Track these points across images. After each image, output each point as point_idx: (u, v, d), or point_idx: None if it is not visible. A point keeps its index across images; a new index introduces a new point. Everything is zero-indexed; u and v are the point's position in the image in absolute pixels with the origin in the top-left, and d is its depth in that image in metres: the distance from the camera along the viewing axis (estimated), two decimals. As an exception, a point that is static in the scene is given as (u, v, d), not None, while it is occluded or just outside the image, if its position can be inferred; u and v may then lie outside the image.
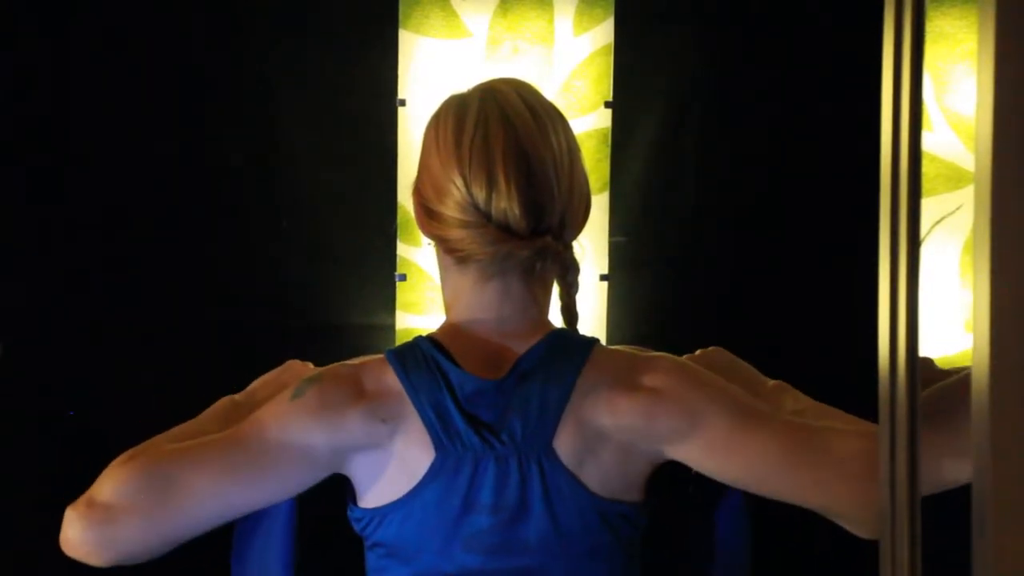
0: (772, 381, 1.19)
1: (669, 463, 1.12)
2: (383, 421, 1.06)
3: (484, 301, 1.11)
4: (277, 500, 1.09)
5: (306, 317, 1.77)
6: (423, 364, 1.08)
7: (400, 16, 1.74)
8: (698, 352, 1.24)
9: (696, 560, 1.27)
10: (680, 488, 1.18)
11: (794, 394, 1.16)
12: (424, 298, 1.77)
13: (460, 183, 1.07)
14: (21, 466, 1.72)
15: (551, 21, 1.75)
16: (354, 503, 1.12)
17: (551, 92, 1.75)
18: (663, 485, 1.15)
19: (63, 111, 1.73)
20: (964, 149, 1.78)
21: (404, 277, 1.76)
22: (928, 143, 1.77)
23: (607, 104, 1.77)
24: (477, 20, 1.74)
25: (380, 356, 1.11)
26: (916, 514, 0.58)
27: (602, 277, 1.80)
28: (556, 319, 1.17)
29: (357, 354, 1.17)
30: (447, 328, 1.14)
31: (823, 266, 1.82)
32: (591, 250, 1.78)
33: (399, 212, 1.76)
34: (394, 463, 1.08)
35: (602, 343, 1.13)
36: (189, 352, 1.74)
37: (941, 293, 1.79)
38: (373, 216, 1.78)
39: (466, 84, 1.17)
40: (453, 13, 1.74)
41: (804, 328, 1.82)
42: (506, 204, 1.06)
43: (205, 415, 1.17)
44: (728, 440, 1.05)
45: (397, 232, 1.76)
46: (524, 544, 1.07)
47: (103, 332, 1.74)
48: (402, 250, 1.77)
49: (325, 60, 1.77)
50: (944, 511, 0.75)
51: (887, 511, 0.59)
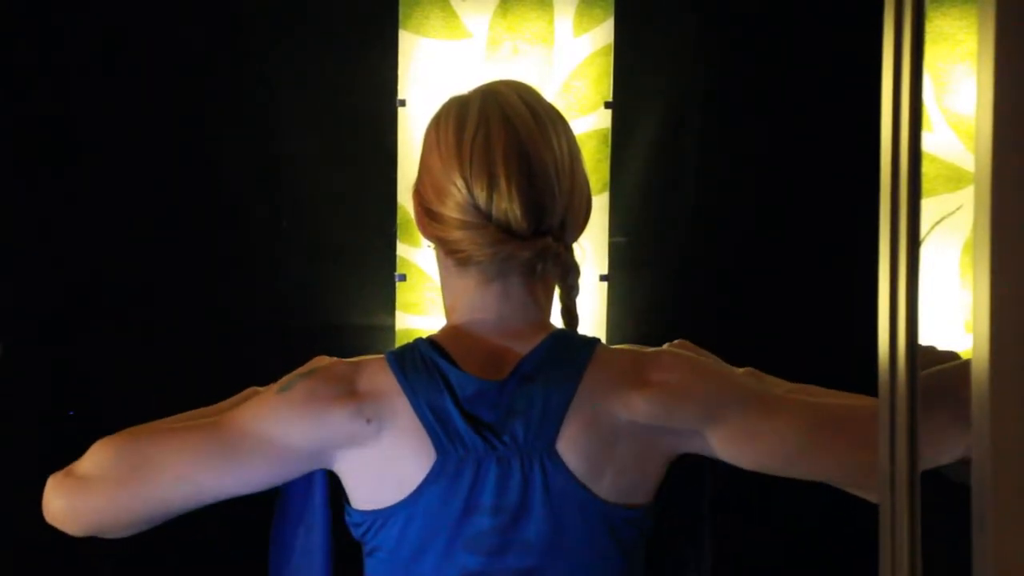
0: (741, 369, 1.21)
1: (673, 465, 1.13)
2: (368, 421, 1.06)
3: (485, 303, 1.11)
4: (249, 490, 1.10)
5: (306, 317, 1.77)
6: (421, 366, 1.08)
7: (400, 17, 1.74)
8: (665, 346, 1.25)
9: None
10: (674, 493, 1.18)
11: (769, 378, 1.19)
12: (424, 298, 1.77)
13: (461, 184, 1.07)
14: (21, 466, 1.72)
15: (551, 22, 1.75)
16: (349, 505, 1.12)
17: (551, 93, 1.75)
18: (669, 489, 1.15)
19: (63, 111, 1.73)
20: (964, 149, 1.78)
21: (404, 277, 1.76)
22: (928, 143, 1.77)
23: (607, 104, 1.77)
24: (477, 21, 1.74)
25: (380, 356, 1.11)
26: (916, 514, 0.58)
27: (602, 277, 1.80)
28: (557, 321, 1.17)
29: (357, 354, 1.17)
30: (448, 330, 1.14)
31: (823, 266, 1.82)
32: (591, 251, 1.78)
33: (399, 212, 1.76)
34: (388, 464, 1.07)
35: (604, 343, 1.13)
36: (189, 352, 1.74)
37: (941, 293, 1.79)
38: (373, 216, 1.78)
39: (466, 84, 1.17)
40: (453, 14, 1.74)
41: (804, 328, 1.82)
42: (507, 205, 1.06)
43: (226, 402, 1.19)
44: (749, 426, 1.07)
45: (397, 232, 1.76)
46: (525, 545, 1.07)
47: (103, 332, 1.74)
48: (402, 250, 1.77)
49: (325, 60, 1.77)
50: (944, 510, 0.75)
51: (887, 511, 0.59)
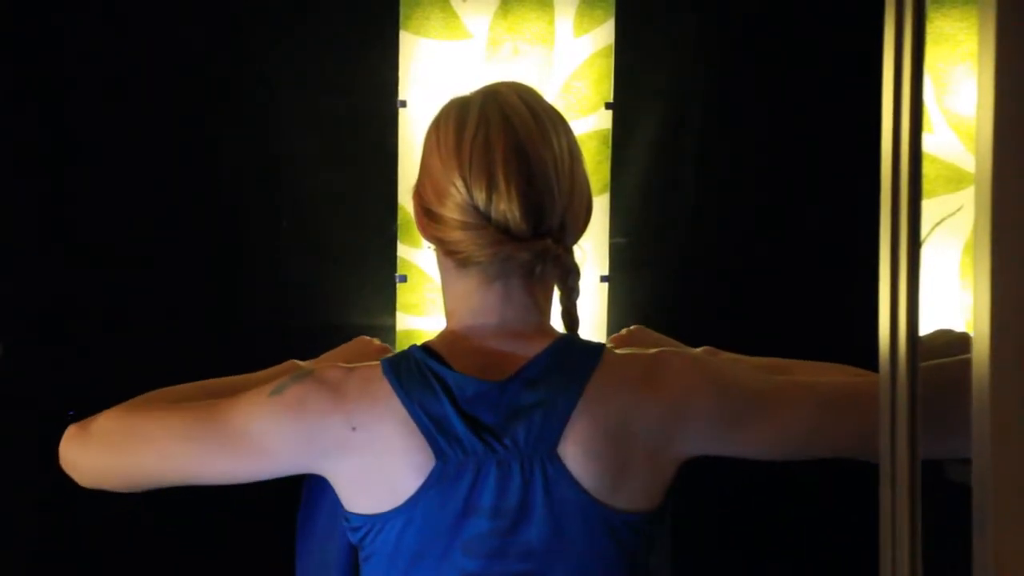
0: (698, 349, 1.24)
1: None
2: (354, 429, 1.06)
3: (486, 305, 1.11)
4: (226, 482, 1.12)
5: (306, 318, 1.77)
6: (416, 372, 1.08)
7: (400, 17, 1.74)
8: (624, 332, 1.29)
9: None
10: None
11: (726, 354, 1.25)
12: (424, 299, 1.77)
13: (460, 184, 1.07)
14: (21, 466, 1.72)
15: (551, 22, 1.75)
16: (346, 510, 1.12)
17: (551, 93, 1.75)
18: (675, 495, 1.15)
19: (63, 111, 1.73)
20: (964, 150, 1.78)
21: (404, 278, 1.77)
22: (929, 144, 1.77)
23: (607, 105, 1.77)
24: (477, 21, 1.74)
25: (375, 363, 1.10)
26: (916, 514, 0.58)
27: (602, 278, 1.80)
28: (557, 323, 1.17)
29: (357, 355, 1.17)
30: (446, 335, 1.14)
31: (824, 267, 1.82)
32: (592, 251, 1.78)
33: (399, 213, 1.76)
34: (382, 471, 1.07)
35: (611, 348, 1.13)
36: (189, 352, 1.74)
37: (941, 294, 1.79)
38: (373, 217, 1.78)
39: (467, 85, 1.17)
40: (453, 14, 1.74)
41: (805, 329, 1.82)
42: (506, 206, 1.05)
43: (263, 372, 1.24)
44: (765, 422, 1.09)
45: (397, 233, 1.76)
46: (524, 549, 1.07)
47: (103, 332, 1.74)
48: (402, 251, 1.77)
49: (326, 61, 1.77)
50: (944, 511, 0.75)
51: (887, 511, 0.59)
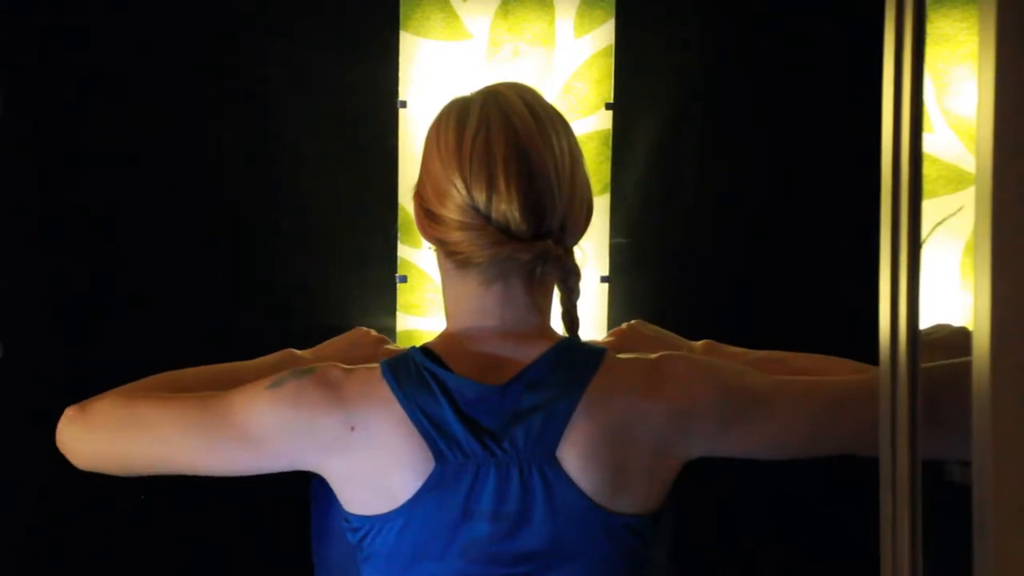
0: (698, 342, 1.25)
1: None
2: (352, 429, 1.06)
3: (486, 306, 1.11)
4: (224, 473, 1.13)
5: (306, 318, 1.77)
6: (416, 375, 1.08)
7: (401, 18, 1.74)
8: (624, 325, 1.30)
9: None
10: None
11: (730, 348, 1.27)
12: (425, 300, 1.77)
13: (461, 185, 1.07)
14: (21, 466, 1.72)
15: (552, 23, 1.75)
16: (344, 510, 1.12)
17: (552, 94, 1.75)
18: (675, 497, 1.15)
19: (62, 112, 1.73)
20: (965, 151, 1.78)
21: (405, 279, 1.77)
22: (929, 145, 1.77)
23: (608, 106, 1.77)
24: (478, 22, 1.74)
25: (374, 365, 1.11)
26: (917, 514, 0.58)
27: (603, 279, 1.80)
28: (557, 324, 1.17)
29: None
30: (445, 337, 1.14)
31: (824, 267, 1.82)
32: (592, 252, 1.78)
33: (400, 213, 1.76)
34: (380, 473, 1.07)
35: (612, 352, 1.12)
36: (189, 353, 1.73)
37: (942, 294, 1.79)
38: (374, 217, 1.78)
39: (467, 86, 1.17)
40: (454, 15, 1.74)
41: (805, 329, 1.82)
42: (506, 206, 1.05)
43: (259, 359, 1.28)
44: (767, 422, 1.09)
45: (398, 233, 1.76)
46: (524, 553, 1.07)
47: (103, 332, 1.74)
48: (403, 251, 1.77)
49: (326, 61, 1.77)
50: (945, 511, 0.75)
51: (888, 511, 0.59)
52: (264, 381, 1.10)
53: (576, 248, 1.15)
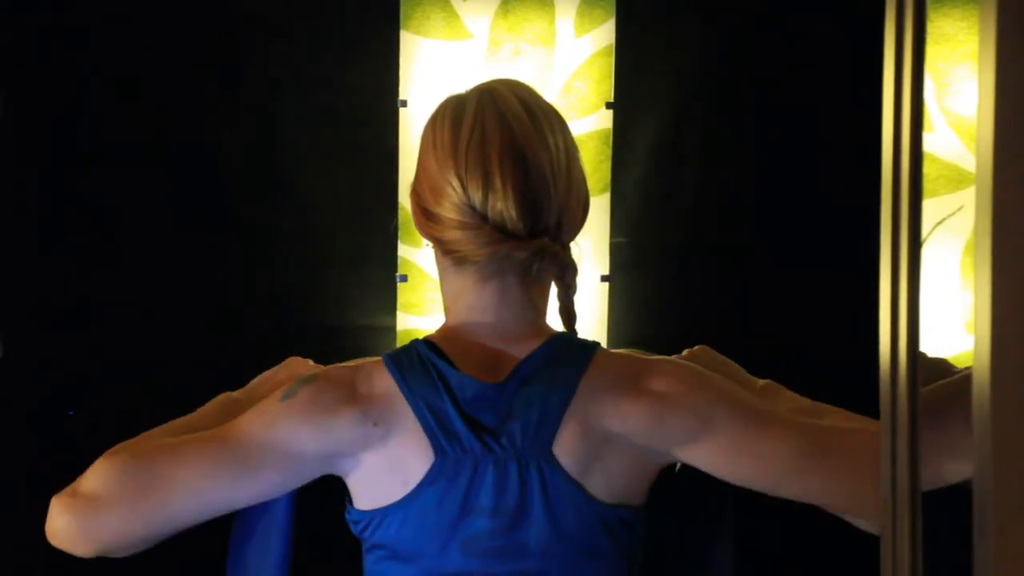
0: (761, 381, 1.19)
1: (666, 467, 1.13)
2: (375, 424, 1.06)
3: (482, 303, 1.11)
4: (260, 500, 1.10)
5: (306, 318, 1.77)
6: (420, 368, 1.08)
7: (401, 17, 1.74)
8: (685, 352, 1.24)
9: (686, 561, 1.27)
10: (671, 490, 1.18)
11: (786, 392, 1.17)
12: (425, 299, 1.77)
13: (456, 184, 1.07)
14: (21, 466, 1.72)
15: (552, 22, 1.75)
16: (351, 504, 1.12)
17: (552, 93, 1.75)
18: (663, 489, 1.15)
19: (63, 112, 1.73)
20: (965, 150, 1.78)
21: (405, 278, 1.76)
22: (929, 144, 1.77)
23: (608, 105, 1.77)
24: (478, 21, 1.74)
25: (377, 359, 1.11)
26: (917, 514, 0.58)
27: (603, 278, 1.80)
28: (555, 321, 1.17)
29: (357, 355, 1.17)
30: (445, 331, 1.14)
31: (824, 267, 1.82)
32: (592, 251, 1.78)
33: (400, 212, 1.76)
34: (389, 466, 1.07)
35: (604, 347, 1.13)
36: (189, 353, 1.74)
37: (942, 294, 1.79)
38: (374, 217, 1.78)
39: (467, 85, 1.17)
40: (454, 14, 1.74)
41: (805, 329, 1.82)
42: (502, 205, 1.06)
43: (203, 409, 1.18)
44: (740, 442, 1.06)
45: (398, 233, 1.76)
46: (523, 548, 1.07)
47: (103, 332, 1.74)
48: (403, 251, 1.77)
49: (326, 61, 1.77)
50: (945, 511, 0.75)
51: (888, 511, 0.59)
52: (273, 397, 1.09)
53: (573, 244, 1.15)
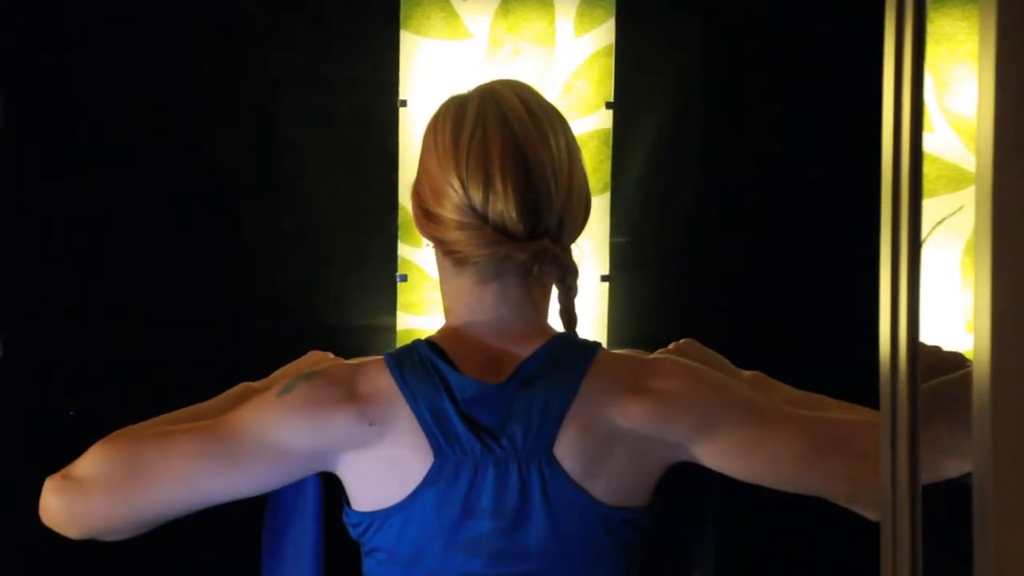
0: (748, 372, 1.20)
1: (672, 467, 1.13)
2: (370, 424, 1.06)
3: (483, 304, 1.11)
4: (250, 493, 1.10)
5: (306, 318, 1.77)
6: (421, 368, 1.08)
7: (401, 17, 1.74)
8: (672, 346, 1.25)
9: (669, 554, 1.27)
10: (673, 492, 1.18)
11: (774, 383, 1.18)
12: (425, 299, 1.77)
13: (457, 185, 1.07)
14: (21, 466, 1.72)
15: (552, 22, 1.75)
16: (348, 506, 1.12)
17: (552, 93, 1.75)
18: (665, 490, 1.15)
19: (63, 110, 1.73)
20: (965, 150, 1.78)
21: (405, 278, 1.76)
22: (929, 144, 1.77)
23: (608, 105, 1.77)
24: (478, 21, 1.74)
25: (379, 358, 1.10)
26: (917, 513, 0.58)
27: (603, 278, 1.80)
28: (555, 322, 1.17)
29: (358, 355, 1.17)
30: (446, 331, 1.14)
31: (824, 267, 1.82)
32: (592, 251, 1.78)
33: (400, 212, 1.76)
34: (388, 466, 1.07)
35: (605, 347, 1.13)
36: (189, 353, 1.74)
37: (942, 294, 1.79)
38: (374, 217, 1.78)
39: (467, 85, 1.17)
40: (454, 14, 1.74)
41: (805, 329, 1.82)
42: (503, 206, 1.05)
43: (220, 397, 1.18)
44: (747, 439, 1.07)
45: (398, 233, 1.76)
46: (525, 549, 1.07)
47: (103, 332, 1.74)
48: (403, 251, 1.77)
49: (326, 61, 1.77)
50: (945, 510, 0.75)
51: (888, 510, 0.59)
52: (271, 392, 1.09)
53: (574, 246, 1.15)
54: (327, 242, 1.79)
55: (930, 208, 1.78)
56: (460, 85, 1.18)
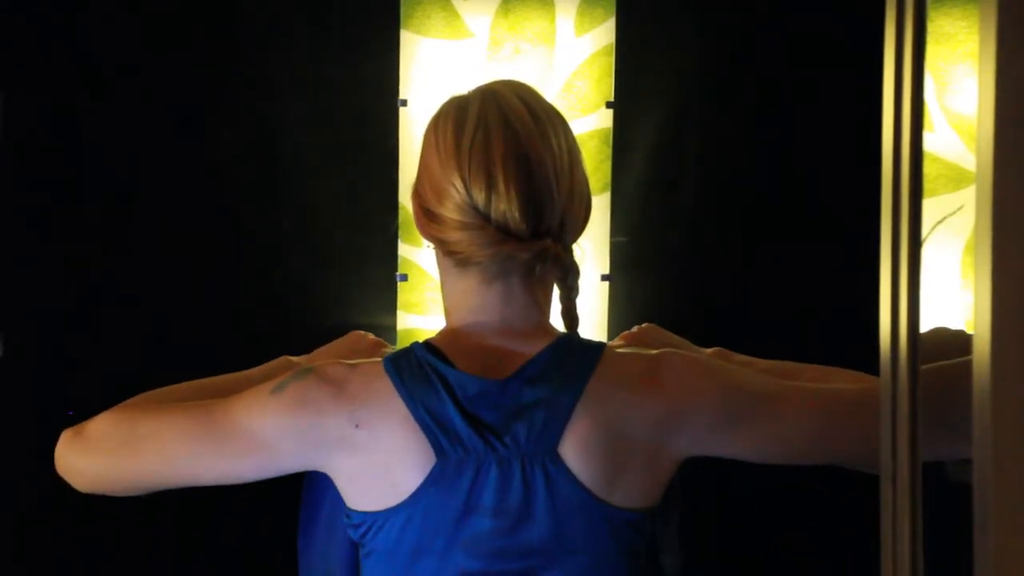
0: (709, 349, 1.26)
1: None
2: (357, 426, 1.06)
3: (486, 304, 1.11)
4: (234, 481, 1.12)
5: (307, 317, 1.77)
6: (418, 370, 1.08)
7: (401, 16, 1.74)
8: (635, 328, 1.29)
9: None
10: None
11: (739, 357, 1.24)
12: (425, 299, 1.77)
13: (459, 185, 1.07)
14: (21, 466, 1.72)
15: (552, 21, 1.75)
16: (346, 505, 1.12)
17: (552, 93, 1.75)
18: (671, 492, 1.15)
19: (64, 111, 1.73)
20: (965, 149, 1.78)
21: (405, 277, 1.76)
22: (929, 143, 1.77)
23: (608, 104, 1.77)
24: (478, 21, 1.74)
25: (376, 361, 1.11)
26: (917, 512, 0.58)
27: (603, 277, 1.80)
28: (556, 321, 1.17)
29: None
30: (447, 333, 1.14)
31: (825, 266, 1.82)
32: (593, 250, 1.78)
33: (400, 212, 1.76)
34: (383, 469, 1.07)
35: (610, 347, 1.13)
36: (189, 353, 1.74)
37: (942, 293, 1.79)
38: (374, 216, 1.78)
39: (468, 84, 1.17)
40: (455, 14, 1.74)
41: (806, 328, 1.82)
42: (505, 206, 1.06)
43: (259, 368, 1.24)
44: (764, 423, 1.09)
45: (398, 232, 1.76)
46: (526, 548, 1.07)
47: (103, 332, 1.74)
48: (403, 250, 1.77)
49: (326, 60, 1.77)
50: (946, 509, 0.75)
51: (888, 510, 0.59)
52: (266, 386, 1.10)
53: (575, 246, 1.15)
54: (327, 242, 1.79)
55: (930, 208, 1.78)
56: (461, 85, 1.18)
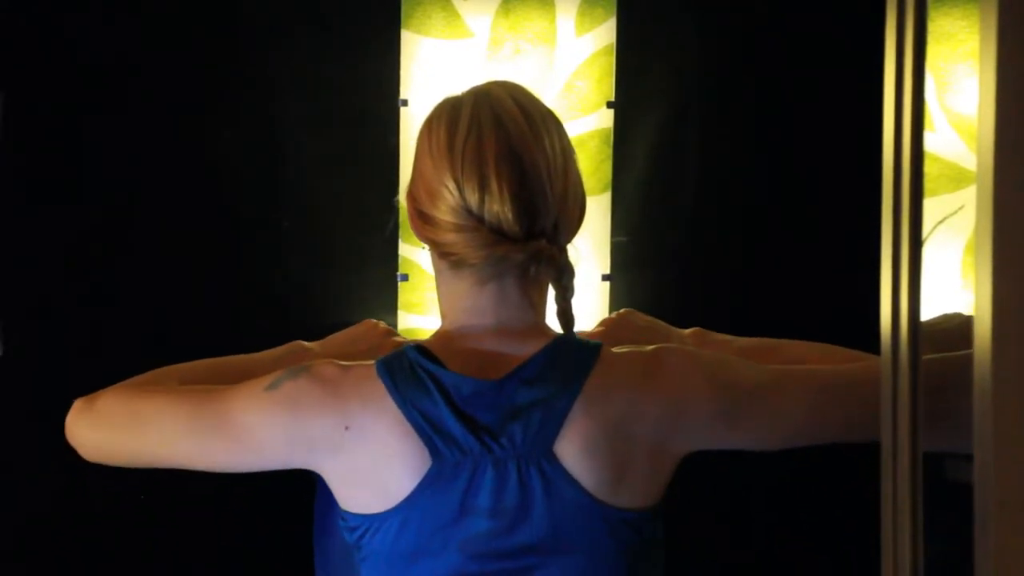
0: (687, 330, 1.29)
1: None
2: (347, 429, 1.06)
3: (480, 305, 1.11)
4: (227, 470, 1.14)
5: (307, 317, 1.77)
6: (410, 372, 1.08)
7: (402, 16, 1.74)
8: (614, 315, 1.32)
9: None
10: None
11: (717, 336, 1.29)
12: (425, 298, 1.77)
13: (453, 186, 1.07)
14: (21, 467, 1.72)
15: (553, 21, 1.75)
16: (343, 510, 1.12)
17: (553, 93, 1.75)
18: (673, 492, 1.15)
19: (64, 111, 1.73)
20: (966, 149, 1.78)
21: (406, 277, 1.76)
22: (930, 143, 1.77)
23: (609, 104, 1.77)
24: (479, 20, 1.74)
25: (369, 363, 1.11)
26: (918, 509, 0.58)
27: (604, 277, 1.80)
28: (552, 323, 1.17)
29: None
30: (440, 335, 1.14)
31: (825, 266, 1.82)
32: (593, 250, 1.78)
33: (400, 212, 1.76)
34: (376, 472, 1.07)
35: (608, 347, 1.13)
36: (189, 353, 1.73)
37: (943, 293, 1.79)
38: (374, 216, 1.77)
39: (468, 84, 1.17)
40: (455, 13, 1.74)
41: (806, 328, 1.82)
42: (499, 207, 1.06)
43: (271, 352, 1.29)
44: (766, 411, 1.10)
45: (399, 232, 1.76)
46: (523, 549, 1.07)
47: (104, 332, 1.74)
48: (404, 250, 1.77)
49: (326, 60, 1.77)
50: (946, 509, 0.75)
51: (889, 507, 0.59)
52: (262, 382, 1.10)
53: (570, 246, 1.15)
54: (328, 242, 1.79)
55: (931, 207, 1.78)
56: (461, 84, 1.18)
